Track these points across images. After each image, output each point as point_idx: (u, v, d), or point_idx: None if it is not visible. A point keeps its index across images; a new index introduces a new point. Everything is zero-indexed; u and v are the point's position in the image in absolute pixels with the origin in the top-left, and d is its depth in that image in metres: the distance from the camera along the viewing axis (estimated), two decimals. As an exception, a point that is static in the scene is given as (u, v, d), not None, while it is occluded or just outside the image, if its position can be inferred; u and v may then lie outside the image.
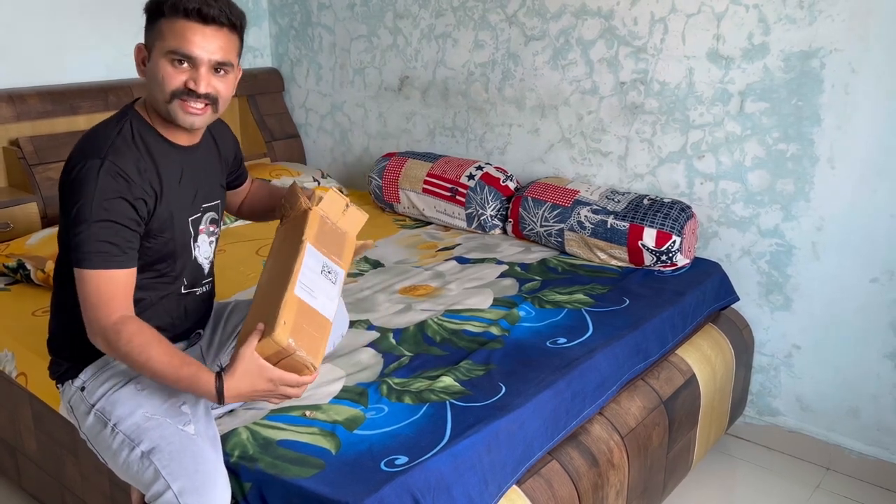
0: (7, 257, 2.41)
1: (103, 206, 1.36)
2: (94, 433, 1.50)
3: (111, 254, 1.37)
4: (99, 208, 1.36)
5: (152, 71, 1.43)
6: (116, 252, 1.38)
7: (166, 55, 1.40)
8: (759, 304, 2.48)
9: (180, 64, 1.40)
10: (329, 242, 1.54)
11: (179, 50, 1.39)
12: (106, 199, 1.36)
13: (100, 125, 1.48)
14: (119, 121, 1.47)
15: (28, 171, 2.79)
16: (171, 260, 1.52)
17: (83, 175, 1.37)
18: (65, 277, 1.52)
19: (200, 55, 1.40)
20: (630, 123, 2.62)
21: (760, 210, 2.40)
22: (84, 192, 1.36)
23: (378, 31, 3.28)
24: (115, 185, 1.37)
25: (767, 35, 2.28)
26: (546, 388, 1.70)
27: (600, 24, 2.61)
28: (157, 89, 1.43)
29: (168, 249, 1.50)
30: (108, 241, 1.37)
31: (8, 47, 2.87)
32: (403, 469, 1.40)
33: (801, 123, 2.27)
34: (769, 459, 2.48)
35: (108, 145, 1.41)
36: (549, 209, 2.55)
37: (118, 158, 1.39)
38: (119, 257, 1.38)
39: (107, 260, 1.37)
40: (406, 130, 3.32)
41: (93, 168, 1.37)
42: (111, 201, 1.37)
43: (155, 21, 1.42)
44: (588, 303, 2.15)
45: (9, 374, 2.01)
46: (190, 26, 1.39)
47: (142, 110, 1.49)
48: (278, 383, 1.34)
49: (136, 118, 1.48)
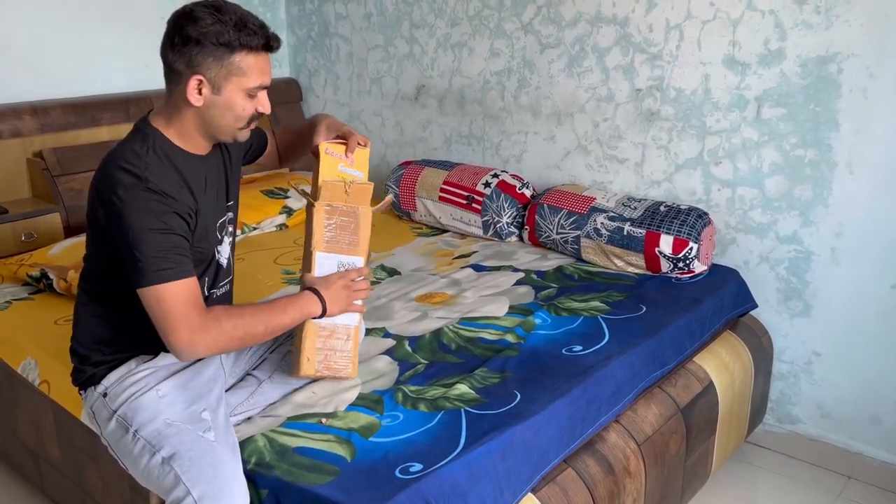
0: (30, 267, 2.45)
1: (159, 222, 1.41)
2: (116, 439, 1.53)
3: (181, 265, 1.43)
4: (156, 225, 1.40)
5: (224, 103, 1.46)
6: (183, 262, 1.44)
7: (246, 89, 1.46)
8: (777, 310, 2.46)
9: (254, 96, 1.48)
10: (341, 236, 1.67)
11: (262, 84, 1.48)
12: (159, 216, 1.41)
13: (124, 148, 1.48)
14: (144, 141, 1.48)
15: (51, 182, 2.83)
16: (202, 266, 1.56)
17: (130, 202, 1.39)
18: (96, 286, 1.56)
19: (268, 82, 1.50)
20: (646, 130, 2.61)
21: (778, 216, 2.39)
22: (136, 215, 1.39)
23: (395, 40, 3.30)
24: (162, 203, 1.42)
25: (784, 40, 2.27)
26: (561, 396, 1.70)
27: (615, 32, 2.61)
28: (229, 118, 1.48)
29: (202, 257, 1.55)
30: (175, 254, 1.42)
31: (31, 60, 2.93)
32: (418, 476, 1.41)
33: (819, 129, 2.25)
34: (789, 468, 2.45)
35: (143, 168, 1.43)
36: (565, 216, 2.55)
37: (158, 180, 1.43)
38: (186, 266, 1.44)
39: (179, 272, 1.42)
40: (422, 139, 3.34)
41: (136, 192, 1.40)
42: (164, 217, 1.41)
43: (227, 53, 1.42)
44: (604, 310, 2.15)
45: (32, 381, 2.04)
46: (264, 58, 1.48)
47: (160, 125, 1.51)
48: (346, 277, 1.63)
49: (157, 136, 1.49)
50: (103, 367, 1.56)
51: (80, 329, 1.60)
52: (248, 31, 1.42)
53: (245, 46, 1.42)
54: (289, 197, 3.09)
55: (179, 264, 1.42)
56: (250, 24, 1.43)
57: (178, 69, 1.44)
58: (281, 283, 2.40)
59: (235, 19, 1.42)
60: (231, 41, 1.41)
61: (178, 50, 1.42)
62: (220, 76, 1.43)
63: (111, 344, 1.56)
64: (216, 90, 1.44)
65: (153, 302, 1.40)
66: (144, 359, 1.57)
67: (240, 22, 1.42)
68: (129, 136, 1.52)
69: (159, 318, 1.41)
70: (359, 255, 1.68)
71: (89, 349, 1.58)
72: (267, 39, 1.46)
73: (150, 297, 1.40)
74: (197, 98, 1.45)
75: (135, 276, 1.41)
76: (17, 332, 2.19)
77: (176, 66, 1.44)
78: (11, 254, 2.68)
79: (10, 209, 2.76)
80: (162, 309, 1.40)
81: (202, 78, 1.43)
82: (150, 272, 1.39)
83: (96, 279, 1.56)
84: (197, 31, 1.40)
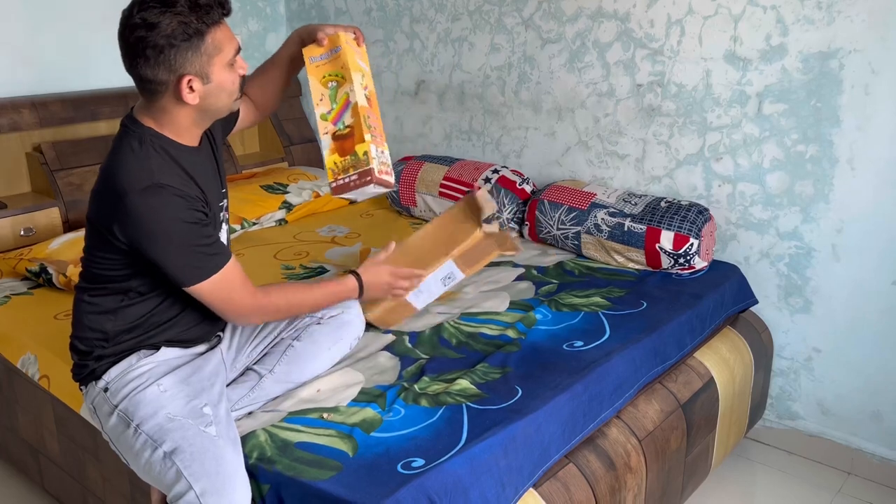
0: (29, 261, 2.45)
1: (184, 222, 1.41)
2: (117, 434, 1.52)
3: (218, 252, 1.47)
4: (182, 227, 1.41)
5: (217, 86, 1.44)
6: (219, 249, 1.47)
7: (228, 62, 1.44)
8: (778, 307, 2.46)
9: (234, 62, 1.47)
10: (470, 257, 1.87)
11: (237, 48, 1.46)
12: (182, 216, 1.41)
13: (124, 152, 1.45)
14: (141, 142, 1.46)
15: (50, 177, 2.83)
16: None
17: (147, 208, 1.39)
18: (96, 284, 1.55)
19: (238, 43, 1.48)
20: (647, 126, 2.61)
21: (779, 212, 2.38)
22: (160, 222, 1.40)
23: (395, 35, 3.30)
24: (181, 203, 1.42)
25: (785, 36, 2.26)
26: (563, 392, 1.70)
27: (616, 27, 2.60)
28: (225, 98, 1.47)
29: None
30: (207, 245, 1.45)
31: (30, 54, 2.92)
32: (420, 472, 1.41)
33: (821, 125, 2.25)
34: (789, 464, 2.45)
35: (150, 171, 1.42)
36: (565, 212, 2.54)
37: (167, 179, 1.43)
38: (223, 251, 1.48)
39: (218, 261, 1.47)
40: (422, 134, 3.33)
41: (151, 196, 1.39)
42: (184, 213, 1.42)
43: (199, 44, 1.39)
44: (605, 306, 2.14)
45: (31, 376, 2.04)
46: (226, 24, 1.45)
47: (150, 123, 1.48)
48: (397, 277, 1.76)
49: (152, 133, 1.47)
50: (104, 363, 1.56)
51: (81, 325, 1.59)
52: (205, 9, 1.38)
53: (211, 24, 1.40)
54: (288, 192, 3.09)
55: (216, 253, 1.46)
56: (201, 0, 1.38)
57: (161, 79, 1.40)
58: (281, 278, 2.40)
59: (187, 3, 1.36)
60: (199, 28, 1.38)
61: (154, 62, 1.37)
62: (204, 64, 1.41)
63: (112, 339, 1.55)
64: (206, 80, 1.43)
65: (208, 295, 1.48)
66: (146, 353, 1.57)
67: (192, 3, 1.37)
68: (122, 139, 1.47)
69: (219, 308, 1.51)
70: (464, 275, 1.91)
71: (90, 345, 1.57)
72: (221, 5, 1.42)
73: (203, 292, 1.47)
74: (192, 96, 1.42)
75: (179, 278, 1.44)
76: (17, 327, 2.18)
77: (158, 77, 1.40)
78: (11, 248, 2.67)
79: (10, 203, 2.76)
80: (219, 299, 1.49)
81: (190, 76, 1.40)
82: (194, 271, 1.43)
83: (97, 277, 1.55)
84: (163, 36, 1.35)
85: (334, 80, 1.57)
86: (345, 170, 1.53)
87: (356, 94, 1.55)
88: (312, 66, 1.60)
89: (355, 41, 1.65)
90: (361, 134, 1.53)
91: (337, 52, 1.59)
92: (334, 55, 1.59)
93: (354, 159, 1.52)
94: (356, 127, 1.53)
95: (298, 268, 2.49)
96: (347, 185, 1.54)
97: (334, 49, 1.59)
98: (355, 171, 1.52)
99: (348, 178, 1.53)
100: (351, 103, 1.55)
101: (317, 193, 3.15)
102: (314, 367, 1.76)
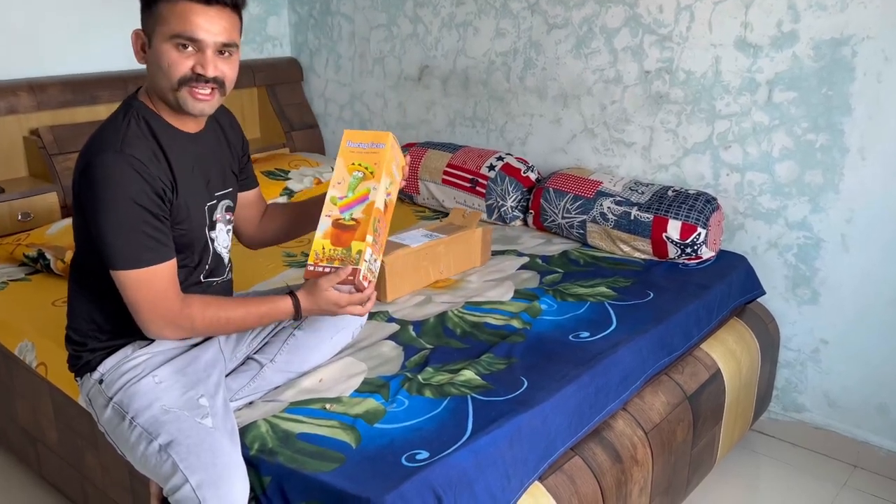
0: (27, 247, 2.41)
1: (133, 200, 1.34)
2: (113, 426, 1.49)
3: (154, 249, 1.37)
4: (129, 204, 1.34)
5: (155, 58, 1.39)
6: (158, 246, 1.38)
7: (170, 40, 1.37)
8: (785, 297, 2.43)
9: (185, 49, 1.37)
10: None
11: (184, 34, 1.36)
12: (132, 193, 1.34)
13: (106, 121, 1.44)
14: (126, 113, 1.43)
15: (48, 161, 2.79)
16: (190, 250, 1.51)
17: (102, 171, 1.34)
18: (84, 272, 1.51)
19: (206, 38, 1.37)
20: (654, 113, 2.57)
21: (788, 202, 2.35)
22: (108, 190, 1.34)
23: (398, 19, 3.25)
24: (136, 178, 1.35)
25: (797, 22, 2.22)
26: (569, 383, 1.67)
27: (624, 12, 2.56)
28: (161, 77, 1.40)
29: (186, 240, 1.49)
30: (149, 236, 1.36)
31: (28, 37, 2.87)
32: (425, 464, 1.38)
33: (831, 113, 2.21)
34: (795, 456, 2.43)
35: (120, 138, 1.38)
36: (570, 200, 2.51)
37: (134, 150, 1.37)
38: (162, 250, 1.39)
39: (153, 257, 1.38)
40: (426, 121, 3.29)
41: (110, 162, 1.34)
42: (139, 194, 1.35)
43: (153, 4, 1.38)
44: (611, 296, 2.11)
45: (29, 364, 2.01)
46: (192, 7, 1.36)
47: (146, 99, 1.46)
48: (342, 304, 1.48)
49: (142, 108, 1.44)
50: (99, 354, 1.52)
51: (75, 315, 1.55)
52: None
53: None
54: (290, 178, 3.05)
55: (154, 248, 1.37)
56: None
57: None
58: (282, 265, 2.36)
59: None
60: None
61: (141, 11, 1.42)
62: (150, 27, 1.39)
63: (106, 330, 1.52)
64: (149, 44, 1.40)
65: (129, 288, 1.38)
66: (141, 344, 1.53)
67: None
68: (115, 111, 1.47)
69: (136, 307, 1.40)
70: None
71: (84, 335, 1.54)
72: None
73: (127, 283, 1.38)
74: (141, 57, 1.43)
75: (109, 257, 1.37)
76: (14, 313, 2.15)
77: None
78: (8, 233, 2.64)
79: (7, 188, 2.72)
80: (140, 297, 1.38)
81: (139, 31, 1.41)
82: (123, 255, 1.35)
83: (86, 265, 1.50)
84: None
85: (361, 171, 1.52)
86: (329, 259, 1.45)
87: (377, 195, 1.49)
88: (347, 149, 1.53)
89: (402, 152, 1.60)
90: (364, 233, 1.45)
91: (379, 147, 1.53)
92: (374, 148, 1.53)
93: (345, 253, 1.45)
94: (363, 224, 1.46)
95: (300, 255, 2.46)
96: (323, 275, 1.46)
97: (378, 143, 1.54)
98: (341, 264, 1.45)
99: (329, 268, 1.45)
100: (368, 200, 1.48)
101: (318, 180, 3.12)
102: (316, 357, 1.72)
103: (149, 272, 1.37)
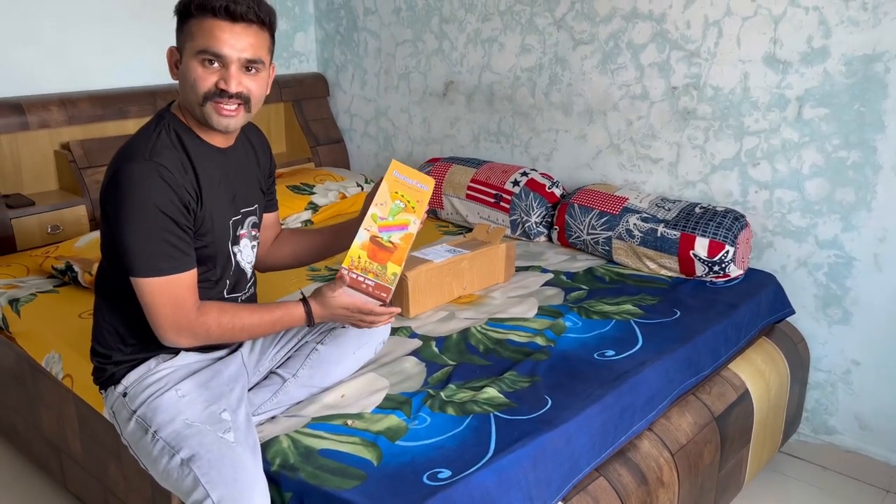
0: (56, 259, 2.44)
1: (157, 208, 1.36)
2: (135, 439, 1.49)
3: (175, 258, 1.39)
4: (154, 211, 1.35)
5: (184, 73, 1.42)
6: (179, 255, 1.39)
7: (196, 55, 1.39)
8: (815, 317, 2.38)
9: (210, 64, 1.39)
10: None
11: (209, 49, 1.38)
12: (157, 201, 1.36)
13: (138, 131, 1.47)
14: (157, 124, 1.46)
15: (78, 175, 2.83)
16: (212, 263, 1.51)
17: (129, 178, 1.36)
18: (109, 283, 1.52)
19: (230, 53, 1.39)
20: (682, 129, 2.54)
21: (818, 220, 2.31)
22: (134, 196, 1.35)
23: (423, 35, 3.26)
24: (163, 186, 1.37)
25: (828, 38, 2.19)
26: (594, 403, 1.65)
27: (651, 28, 2.54)
28: (189, 92, 1.42)
29: (209, 252, 1.49)
30: (171, 244, 1.38)
31: (60, 52, 2.92)
32: (447, 483, 1.36)
33: (864, 130, 2.17)
34: (825, 480, 2.37)
35: (150, 147, 1.40)
36: (596, 217, 2.49)
37: (162, 159, 1.39)
38: (183, 259, 1.40)
39: (173, 266, 1.39)
40: (450, 136, 3.29)
41: (138, 169, 1.36)
42: (164, 202, 1.36)
43: (184, 22, 1.41)
44: (637, 314, 2.08)
45: (55, 375, 2.02)
46: (218, 24, 1.38)
47: (178, 112, 1.49)
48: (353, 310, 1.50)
49: (173, 120, 1.47)
50: (123, 367, 1.53)
51: (100, 328, 1.57)
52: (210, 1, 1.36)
53: (201, 9, 1.37)
54: (315, 193, 3.06)
55: (176, 257, 1.39)
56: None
57: None
58: (306, 279, 2.37)
59: None
60: (186, 5, 1.40)
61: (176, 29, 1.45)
62: (181, 44, 1.43)
63: (131, 343, 1.53)
64: (181, 60, 1.43)
65: (149, 295, 1.39)
66: (164, 358, 1.54)
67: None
68: (146, 123, 1.50)
69: (147, 308, 1.41)
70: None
71: (109, 348, 1.55)
72: (227, 4, 1.36)
73: (147, 291, 1.39)
74: (174, 73, 1.46)
75: (131, 263, 1.38)
76: (42, 324, 2.17)
77: None
78: (37, 246, 2.67)
79: (37, 201, 2.76)
80: (159, 304, 1.40)
81: (173, 48, 1.44)
82: (143, 262, 1.37)
83: (111, 276, 1.52)
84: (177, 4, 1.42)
85: (403, 203, 1.55)
86: (364, 270, 1.48)
87: (415, 229, 1.54)
88: (392, 178, 1.55)
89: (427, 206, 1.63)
90: (401, 259, 1.50)
91: (423, 188, 1.57)
92: (418, 188, 1.57)
93: (381, 270, 1.49)
94: (399, 249, 1.50)
95: (323, 269, 2.46)
96: (360, 285, 1.48)
97: (422, 184, 1.57)
98: (375, 279, 1.48)
99: (366, 280, 1.48)
100: (407, 231, 1.53)
101: (343, 195, 3.12)
102: (339, 372, 1.72)
103: (168, 281, 1.38)
